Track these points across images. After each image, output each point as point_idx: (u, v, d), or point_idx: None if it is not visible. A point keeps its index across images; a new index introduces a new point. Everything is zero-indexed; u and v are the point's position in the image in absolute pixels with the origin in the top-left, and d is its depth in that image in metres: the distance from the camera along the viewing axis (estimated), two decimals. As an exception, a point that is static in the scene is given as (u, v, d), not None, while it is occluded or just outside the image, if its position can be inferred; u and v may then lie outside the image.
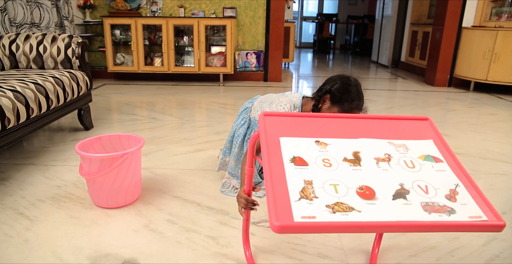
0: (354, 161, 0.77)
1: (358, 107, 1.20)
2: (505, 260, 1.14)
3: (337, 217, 0.65)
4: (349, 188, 0.71)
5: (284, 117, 0.84)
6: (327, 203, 0.67)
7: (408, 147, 0.82)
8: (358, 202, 0.68)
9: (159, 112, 2.77)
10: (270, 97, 1.45)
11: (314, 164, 0.74)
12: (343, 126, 0.85)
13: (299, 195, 0.68)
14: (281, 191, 0.68)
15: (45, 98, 1.74)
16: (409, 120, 0.90)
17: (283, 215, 0.63)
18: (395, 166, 0.77)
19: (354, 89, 1.19)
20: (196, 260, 1.09)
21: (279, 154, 0.75)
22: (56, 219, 1.30)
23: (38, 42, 2.12)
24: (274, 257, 1.12)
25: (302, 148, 0.77)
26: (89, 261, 1.08)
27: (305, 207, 0.65)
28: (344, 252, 1.15)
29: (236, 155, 1.48)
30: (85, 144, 1.42)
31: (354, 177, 0.73)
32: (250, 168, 0.96)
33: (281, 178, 0.70)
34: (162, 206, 1.40)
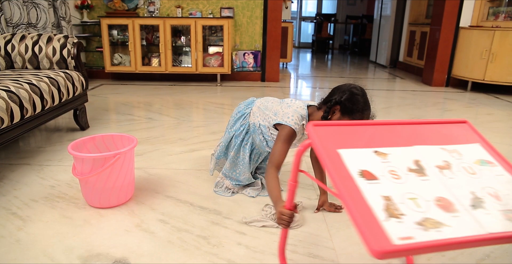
0: (418, 170, 0.74)
1: (367, 116, 1.21)
2: (496, 260, 1.15)
3: (433, 235, 0.62)
4: (427, 201, 0.68)
5: (333, 127, 0.81)
6: (416, 220, 0.64)
7: (460, 152, 0.81)
8: (442, 215, 0.66)
9: (155, 112, 2.77)
10: (273, 105, 1.39)
11: (383, 177, 0.71)
12: (392, 134, 0.82)
13: (385, 214, 0.64)
14: (364, 209, 0.64)
15: (40, 98, 1.75)
16: (448, 124, 0.89)
17: (379, 238, 0.59)
18: (458, 173, 0.75)
19: (363, 99, 1.20)
20: (187, 260, 1.10)
21: (344, 168, 0.72)
22: (48, 219, 1.30)
23: (33, 42, 2.13)
24: (265, 257, 1.12)
25: (364, 160, 0.74)
26: (80, 260, 1.08)
27: (397, 227, 0.62)
28: (335, 252, 1.15)
29: (232, 158, 1.47)
30: (78, 144, 1.42)
31: (426, 188, 0.71)
32: (294, 182, 0.92)
33: (357, 195, 0.67)
34: (155, 205, 1.41)
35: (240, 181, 1.49)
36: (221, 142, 1.51)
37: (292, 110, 1.30)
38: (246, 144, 1.45)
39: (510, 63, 3.55)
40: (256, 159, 1.50)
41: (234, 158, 1.47)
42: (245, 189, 1.51)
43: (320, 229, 1.28)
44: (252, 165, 1.50)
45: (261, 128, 1.39)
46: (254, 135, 1.42)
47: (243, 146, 1.45)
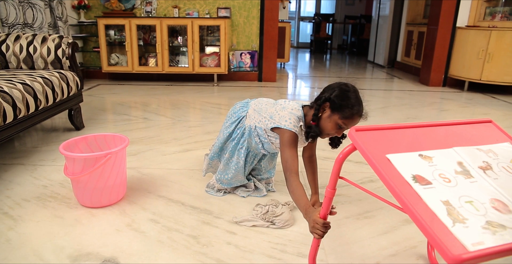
0: (464, 172, 0.74)
1: (359, 113, 1.18)
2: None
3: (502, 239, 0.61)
4: (482, 203, 0.68)
5: (375, 132, 0.81)
6: (480, 224, 0.64)
7: (494, 151, 0.81)
8: (502, 218, 0.66)
9: (151, 112, 2.77)
10: (267, 108, 1.37)
11: (435, 181, 0.71)
12: (429, 136, 0.82)
13: (450, 219, 0.64)
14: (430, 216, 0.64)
15: (33, 98, 1.75)
16: (474, 124, 0.89)
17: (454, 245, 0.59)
18: (500, 173, 0.75)
19: (353, 95, 1.18)
20: (176, 259, 1.10)
21: (398, 173, 0.71)
22: (40, 219, 1.30)
23: (28, 42, 2.13)
24: (254, 256, 1.12)
25: (412, 164, 0.74)
26: (70, 260, 1.09)
27: (465, 232, 0.62)
28: (325, 252, 1.16)
29: (226, 160, 1.46)
30: (70, 143, 1.43)
31: (477, 191, 0.71)
32: (332, 189, 0.90)
33: (418, 201, 0.66)
34: (147, 205, 1.41)
35: (231, 184, 1.48)
36: (215, 143, 1.51)
37: (287, 113, 1.28)
38: (241, 148, 1.42)
39: (506, 63, 3.55)
40: (251, 161, 1.48)
41: (228, 160, 1.46)
42: (236, 189, 1.52)
43: (311, 228, 1.28)
44: (248, 167, 1.48)
45: (257, 130, 1.37)
46: (249, 138, 1.40)
47: (238, 149, 1.43)
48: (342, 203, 1.47)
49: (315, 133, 1.25)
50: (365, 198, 1.51)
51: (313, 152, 1.42)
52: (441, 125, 0.86)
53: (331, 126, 1.22)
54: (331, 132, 1.24)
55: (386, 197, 0.86)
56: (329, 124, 1.22)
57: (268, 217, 1.28)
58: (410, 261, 1.13)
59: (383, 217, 1.37)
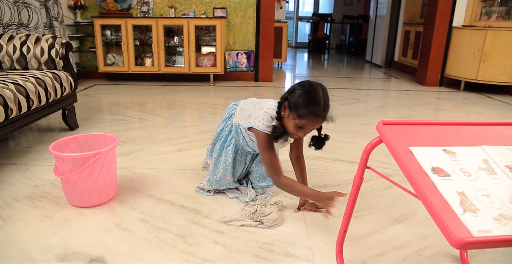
0: (488, 169, 0.76)
1: (314, 113, 1.13)
2: (472, 259, 1.15)
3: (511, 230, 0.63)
4: (500, 198, 0.70)
5: (402, 126, 0.85)
6: (492, 216, 0.66)
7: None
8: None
9: (146, 112, 2.78)
10: (249, 106, 1.38)
11: (455, 174, 0.73)
12: (458, 134, 0.85)
13: (461, 208, 0.66)
14: (442, 204, 0.67)
15: (26, 98, 1.75)
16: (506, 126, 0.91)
17: (459, 230, 0.62)
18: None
19: (311, 94, 1.14)
20: (162, 259, 1.10)
21: (418, 164, 0.74)
22: (29, 218, 1.31)
23: (21, 42, 2.13)
24: (241, 256, 1.12)
25: (434, 157, 0.77)
26: (56, 259, 1.09)
27: (475, 221, 0.64)
28: (312, 251, 1.16)
29: (215, 159, 1.46)
30: (60, 143, 1.43)
31: (498, 186, 0.72)
32: (360, 178, 0.95)
33: (433, 190, 0.69)
34: (137, 205, 1.41)
35: (221, 185, 1.46)
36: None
37: (263, 112, 1.27)
38: (229, 145, 1.43)
39: (502, 63, 3.55)
40: (243, 161, 1.48)
41: (216, 159, 1.46)
42: (226, 189, 1.52)
43: (299, 228, 1.28)
44: (239, 167, 1.47)
45: (240, 128, 1.39)
46: (236, 135, 1.41)
47: (225, 147, 1.43)
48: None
49: (277, 133, 1.22)
50: (355, 198, 1.51)
51: (300, 152, 1.42)
52: (472, 125, 0.89)
53: (291, 126, 1.20)
54: (293, 132, 1.21)
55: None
56: (289, 124, 1.20)
57: (257, 217, 1.28)
58: (397, 261, 1.13)
59: (372, 216, 1.38)
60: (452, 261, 1.14)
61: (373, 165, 1.83)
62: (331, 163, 1.86)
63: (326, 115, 1.17)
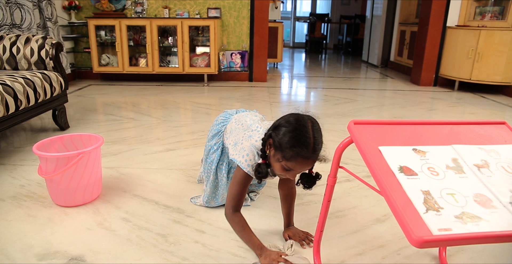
0: (456, 168, 0.77)
1: (302, 155, 0.96)
2: (450, 258, 1.16)
3: (471, 228, 0.64)
4: (465, 196, 0.70)
5: (374, 126, 0.85)
6: (455, 214, 0.66)
7: (498, 151, 0.83)
8: (481, 211, 0.68)
9: (139, 112, 2.79)
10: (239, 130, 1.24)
11: (422, 173, 0.74)
12: (430, 133, 0.85)
13: (425, 207, 0.67)
14: (405, 202, 0.67)
15: (14, 99, 1.76)
16: (487, 125, 0.91)
17: (419, 229, 0.63)
18: (496, 172, 0.77)
19: (297, 133, 0.96)
20: (142, 257, 1.11)
21: (385, 163, 0.75)
22: (12, 218, 1.31)
23: (11, 43, 2.14)
24: (220, 255, 1.13)
25: (403, 156, 0.77)
26: (36, 258, 1.10)
27: (436, 219, 0.65)
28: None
29: (212, 182, 1.36)
30: (45, 143, 1.44)
31: (464, 185, 0.73)
32: (333, 177, 0.94)
33: (398, 189, 0.70)
34: (121, 204, 1.42)
35: (219, 203, 1.40)
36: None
37: (249, 145, 1.13)
38: (222, 164, 1.34)
39: (495, 63, 3.56)
40: None
41: (214, 182, 1.36)
42: None
43: (281, 227, 1.29)
44: None
45: (228, 151, 1.29)
46: (227, 156, 1.33)
47: (218, 166, 1.35)
48: (315, 203, 1.48)
49: (261, 174, 1.05)
50: (339, 198, 1.52)
51: (293, 184, 1.23)
52: (445, 124, 0.89)
53: (277, 168, 1.03)
54: (281, 173, 1.05)
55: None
56: (275, 165, 1.03)
57: None
58: (376, 260, 1.14)
59: (354, 216, 1.38)
60: (431, 260, 1.15)
61: (354, 164, 1.84)
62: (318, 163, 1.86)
63: (316, 157, 0.99)
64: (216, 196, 1.39)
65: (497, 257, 1.17)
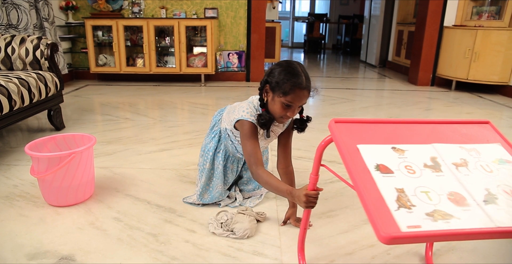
0: (434, 166, 0.77)
1: (298, 85, 1.10)
2: (440, 258, 1.16)
3: (441, 225, 0.65)
4: (439, 194, 0.71)
5: (354, 124, 0.85)
6: (426, 211, 0.67)
7: (479, 150, 0.83)
8: (453, 209, 0.68)
9: (135, 113, 2.79)
10: (233, 106, 1.34)
11: (398, 171, 0.74)
12: (412, 132, 0.86)
13: (397, 204, 0.67)
14: (377, 200, 0.68)
15: (8, 99, 1.77)
16: (471, 124, 0.91)
17: (388, 226, 0.63)
18: (474, 171, 0.78)
19: (289, 69, 1.12)
20: (132, 257, 1.11)
21: (362, 162, 0.75)
22: (4, 218, 1.32)
23: (6, 43, 2.15)
24: (210, 254, 1.13)
25: (381, 155, 0.78)
26: (27, 258, 1.10)
27: (407, 216, 0.65)
28: (281, 250, 1.17)
29: (208, 171, 1.39)
30: (37, 143, 1.44)
31: (440, 183, 0.74)
32: (315, 175, 0.95)
33: (372, 186, 0.70)
34: (113, 204, 1.43)
35: (213, 198, 1.41)
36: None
37: (246, 104, 1.26)
38: (219, 152, 1.38)
39: (492, 63, 3.56)
40: (235, 168, 1.44)
41: (209, 171, 1.39)
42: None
43: (271, 227, 1.29)
44: (232, 175, 1.43)
45: (227, 132, 1.34)
46: (225, 141, 1.37)
47: (215, 154, 1.38)
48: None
49: (264, 120, 1.18)
50: (331, 197, 1.52)
51: (289, 162, 1.35)
52: (428, 123, 0.89)
53: (278, 108, 1.16)
54: (282, 114, 1.17)
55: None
56: (276, 106, 1.16)
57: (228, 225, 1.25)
58: (365, 260, 1.14)
59: (346, 216, 1.39)
60: (421, 260, 1.15)
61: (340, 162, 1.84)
62: (312, 162, 1.87)
63: (310, 87, 1.13)
64: (210, 188, 1.40)
65: (487, 257, 1.17)
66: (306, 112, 1.29)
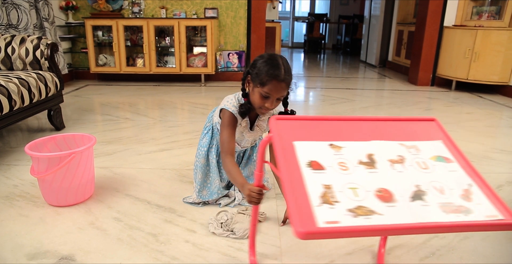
0: (369, 163, 0.78)
1: (276, 77, 1.12)
2: (440, 258, 1.16)
3: (360, 221, 0.65)
4: (367, 191, 0.72)
5: (295, 121, 0.84)
6: (349, 207, 0.67)
7: (419, 148, 0.83)
8: (378, 205, 0.69)
9: (135, 113, 2.79)
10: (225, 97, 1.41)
11: (330, 168, 0.75)
12: (354, 129, 0.86)
13: (320, 200, 0.68)
14: (302, 196, 0.68)
15: (8, 99, 1.77)
16: (416, 122, 0.91)
17: (306, 221, 0.64)
18: (409, 168, 0.78)
19: (268, 61, 1.14)
20: (132, 257, 1.11)
21: (295, 158, 0.75)
22: (4, 218, 1.32)
23: (6, 43, 2.15)
24: (210, 254, 1.13)
25: (317, 151, 0.78)
26: (27, 258, 1.10)
27: (328, 212, 0.66)
28: (280, 250, 1.17)
29: (202, 166, 1.41)
30: (37, 143, 1.44)
31: (371, 180, 0.74)
32: (260, 172, 0.96)
33: (300, 183, 0.71)
34: (113, 204, 1.43)
35: (212, 194, 1.42)
36: None
37: (233, 95, 1.31)
38: (212, 147, 1.42)
39: (492, 63, 3.55)
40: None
41: (204, 166, 1.43)
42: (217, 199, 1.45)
43: (271, 227, 1.29)
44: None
45: (217, 126, 1.39)
46: (217, 136, 1.40)
47: (208, 149, 1.43)
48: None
49: (244, 108, 1.23)
50: (331, 197, 1.52)
51: None
52: (371, 120, 0.89)
53: (257, 98, 1.18)
54: (260, 104, 1.19)
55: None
56: (255, 96, 1.19)
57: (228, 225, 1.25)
58: (365, 260, 1.14)
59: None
60: (420, 260, 1.15)
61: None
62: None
63: (289, 80, 1.15)
64: (208, 184, 1.42)
65: (487, 257, 1.17)
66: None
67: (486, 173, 1.81)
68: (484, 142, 2.29)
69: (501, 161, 1.97)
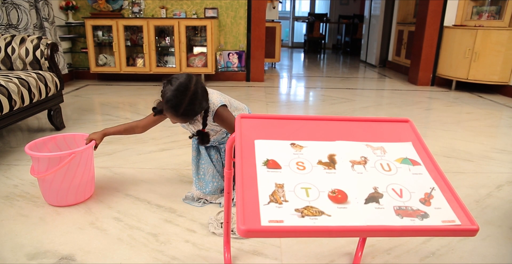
0: (329, 164, 0.77)
1: (170, 113, 1.19)
2: (440, 258, 1.16)
3: (305, 222, 0.64)
4: (321, 191, 0.70)
5: (260, 120, 0.84)
6: (297, 207, 0.67)
7: (386, 149, 0.82)
8: (329, 206, 0.68)
9: (135, 112, 2.79)
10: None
11: (287, 167, 0.74)
12: (321, 129, 0.84)
13: (269, 199, 0.67)
14: (251, 194, 0.68)
15: (8, 99, 1.77)
16: (390, 122, 0.89)
17: (251, 219, 0.63)
18: (370, 169, 0.77)
19: (168, 87, 1.17)
20: (132, 257, 1.11)
21: (253, 156, 0.75)
22: (4, 218, 1.32)
23: (6, 43, 2.15)
24: (210, 254, 1.13)
25: (276, 150, 0.77)
26: (27, 258, 1.10)
27: (274, 211, 0.65)
28: (281, 250, 1.17)
29: (194, 159, 1.48)
30: (38, 143, 1.44)
31: (328, 181, 0.73)
32: (229, 170, 0.96)
33: (252, 181, 0.70)
34: (113, 204, 1.43)
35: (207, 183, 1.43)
36: None
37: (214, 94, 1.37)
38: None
39: (492, 62, 3.55)
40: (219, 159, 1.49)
41: (196, 158, 1.48)
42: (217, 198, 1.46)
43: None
44: (218, 164, 1.48)
45: (216, 128, 1.41)
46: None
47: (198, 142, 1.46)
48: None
49: (156, 110, 1.33)
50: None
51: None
52: (340, 120, 0.88)
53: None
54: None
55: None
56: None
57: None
58: (365, 260, 1.14)
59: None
60: (421, 260, 1.15)
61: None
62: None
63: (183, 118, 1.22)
64: (202, 174, 1.45)
65: (487, 257, 1.17)
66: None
67: (486, 173, 1.81)
68: (484, 141, 2.29)
69: (501, 161, 1.97)
